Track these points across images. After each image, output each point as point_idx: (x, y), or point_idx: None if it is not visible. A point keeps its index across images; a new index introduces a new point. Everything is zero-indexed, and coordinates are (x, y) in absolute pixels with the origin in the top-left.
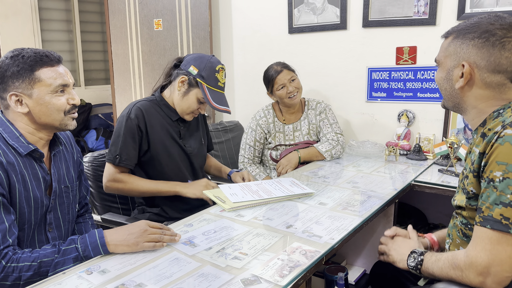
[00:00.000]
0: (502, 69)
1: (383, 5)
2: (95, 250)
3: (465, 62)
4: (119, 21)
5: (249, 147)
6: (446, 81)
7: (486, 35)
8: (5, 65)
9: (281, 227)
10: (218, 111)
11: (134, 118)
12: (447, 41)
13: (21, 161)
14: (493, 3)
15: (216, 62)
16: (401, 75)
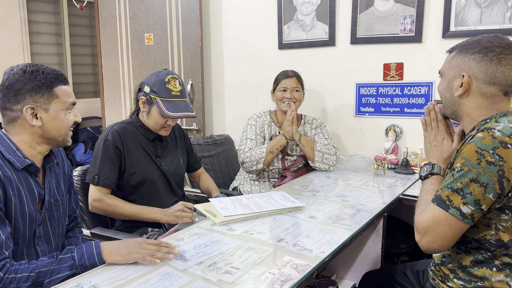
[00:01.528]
0: (497, 82)
1: (371, 23)
2: (91, 259)
3: (465, 73)
4: (110, 35)
5: (250, 140)
6: (447, 90)
7: (485, 50)
8: (24, 79)
9: (272, 240)
10: (175, 118)
11: (111, 139)
12: (451, 55)
13: (17, 175)
14: (476, 22)
15: (165, 74)
16: (389, 90)
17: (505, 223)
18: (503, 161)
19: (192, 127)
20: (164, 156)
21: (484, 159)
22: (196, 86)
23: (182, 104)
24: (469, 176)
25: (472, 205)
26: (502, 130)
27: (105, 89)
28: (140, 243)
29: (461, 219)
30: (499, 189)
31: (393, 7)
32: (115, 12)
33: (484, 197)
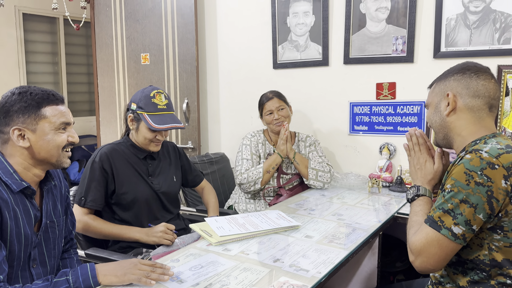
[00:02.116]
0: (480, 94)
1: (363, 44)
2: (86, 281)
3: (449, 92)
4: (106, 55)
5: (246, 160)
6: (435, 114)
7: (463, 70)
8: (12, 101)
9: (268, 261)
10: (162, 130)
11: (98, 161)
12: (432, 88)
13: (13, 197)
14: (466, 42)
15: (150, 90)
16: (382, 109)
17: (497, 243)
18: (491, 181)
19: (188, 145)
20: (156, 175)
21: (473, 180)
22: (191, 104)
23: (169, 117)
24: (459, 197)
25: (463, 226)
26: (489, 152)
27: (101, 108)
28: (135, 264)
29: (453, 239)
30: (489, 209)
31: (385, 28)
32: (111, 32)
33: (474, 217)
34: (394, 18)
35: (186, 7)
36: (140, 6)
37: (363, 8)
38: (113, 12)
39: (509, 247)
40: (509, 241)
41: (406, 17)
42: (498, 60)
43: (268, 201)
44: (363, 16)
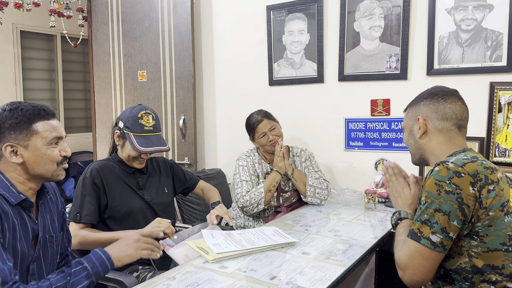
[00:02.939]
0: (448, 117)
1: (357, 61)
2: (103, 264)
3: (419, 116)
4: (103, 72)
5: (246, 182)
6: (410, 137)
7: (431, 95)
8: (3, 118)
9: (265, 278)
10: (146, 153)
11: (89, 176)
12: (406, 112)
13: (12, 210)
14: (458, 60)
15: (138, 110)
16: (376, 125)
17: (475, 249)
18: (460, 189)
19: (184, 161)
20: (147, 187)
21: (443, 189)
22: (188, 121)
23: (155, 139)
24: (432, 206)
25: (440, 234)
26: (455, 162)
27: (97, 125)
28: (138, 239)
29: (432, 248)
30: (462, 215)
31: (379, 46)
32: (109, 50)
33: (449, 224)
34: (387, 36)
35: (183, 25)
36: (138, 24)
37: (357, 26)
38: (110, 30)
39: (487, 252)
40: (486, 246)
41: (399, 35)
42: (490, 77)
43: (265, 219)
44: (357, 34)
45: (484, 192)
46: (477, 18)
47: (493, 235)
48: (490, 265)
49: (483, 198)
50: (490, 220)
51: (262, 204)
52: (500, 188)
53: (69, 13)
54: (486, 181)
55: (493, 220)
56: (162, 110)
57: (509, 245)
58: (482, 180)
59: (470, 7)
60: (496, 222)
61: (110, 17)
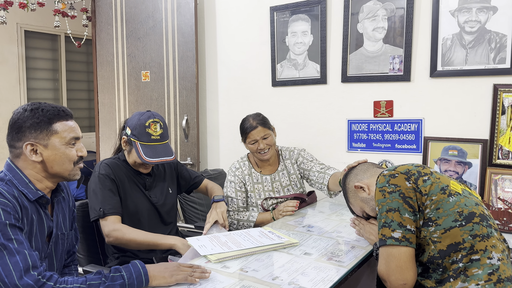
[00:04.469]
0: (364, 169)
1: (360, 62)
2: (139, 278)
3: (354, 185)
4: (107, 72)
5: (231, 199)
6: (368, 203)
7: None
8: (24, 117)
9: (267, 278)
10: (153, 164)
11: (104, 173)
12: (353, 208)
13: (30, 206)
14: (462, 62)
15: (146, 118)
16: (379, 127)
17: (435, 234)
18: (398, 186)
19: (187, 161)
20: (153, 188)
21: (386, 192)
22: (191, 121)
23: (161, 148)
24: (384, 209)
25: (398, 229)
26: (388, 169)
27: (101, 125)
28: (177, 266)
29: (398, 243)
30: (409, 207)
31: (382, 48)
32: (112, 50)
33: (403, 218)
34: (391, 38)
35: (187, 26)
36: (141, 24)
37: (360, 28)
38: (114, 30)
39: (445, 232)
40: (442, 227)
41: (402, 37)
42: (493, 79)
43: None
44: (360, 36)
45: (420, 182)
46: (481, 20)
47: (444, 216)
48: (453, 243)
49: (421, 187)
50: (436, 204)
51: (250, 226)
52: (435, 177)
53: (73, 13)
54: (419, 174)
55: (439, 203)
56: (165, 110)
57: (461, 220)
58: (415, 174)
59: (474, 9)
60: (442, 203)
61: (114, 17)
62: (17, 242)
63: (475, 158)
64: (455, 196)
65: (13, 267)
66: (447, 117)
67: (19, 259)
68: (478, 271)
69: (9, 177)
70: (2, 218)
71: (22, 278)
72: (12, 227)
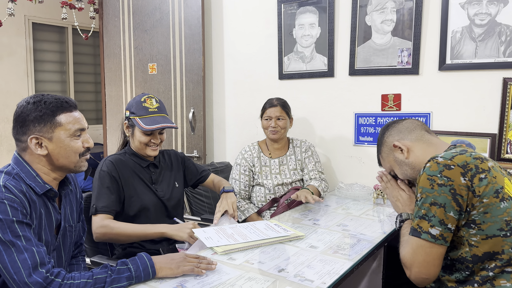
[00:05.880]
0: (412, 127)
1: (368, 55)
2: (145, 270)
3: (393, 143)
4: (114, 64)
5: (234, 181)
6: (402, 166)
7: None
8: (27, 110)
9: (273, 270)
10: (153, 130)
11: (106, 170)
12: (381, 159)
13: (38, 200)
14: (471, 55)
15: (141, 96)
16: (387, 120)
17: (475, 237)
18: (451, 180)
19: (193, 154)
20: (159, 182)
21: (435, 183)
22: (197, 114)
23: (160, 118)
24: (428, 201)
25: (438, 226)
26: (443, 156)
27: (108, 117)
28: (184, 257)
29: (433, 241)
30: (457, 206)
31: (390, 40)
32: (119, 42)
33: (446, 216)
34: (399, 31)
35: (194, 18)
36: (148, 16)
37: (368, 20)
38: (121, 22)
39: (486, 239)
40: (484, 233)
41: (411, 30)
42: (503, 72)
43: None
44: (368, 28)
45: (475, 181)
46: (491, 13)
47: (490, 222)
48: (490, 252)
49: (476, 187)
50: (485, 207)
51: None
52: (492, 175)
53: (81, 5)
54: (477, 170)
55: (488, 207)
56: (172, 103)
57: (507, 230)
58: (472, 170)
59: (484, 2)
60: (492, 208)
61: (121, 10)
62: (25, 239)
63: (483, 153)
64: (507, 201)
65: (21, 264)
66: (455, 110)
67: (27, 256)
68: (507, 284)
69: (17, 171)
70: (10, 214)
71: (31, 275)
72: (20, 223)
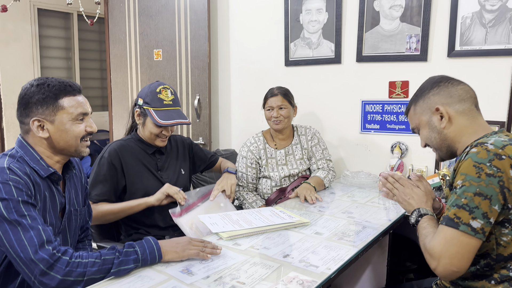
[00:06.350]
0: (464, 97)
1: (376, 41)
2: (152, 254)
3: (437, 106)
4: (119, 50)
5: (241, 174)
6: (432, 131)
7: (436, 84)
8: (31, 93)
9: (278, 256)
10: (167, 127)
11: (107, 157)
12: (412, 111)
13: (42, 183)
14: (481, 41)
15: (156, 85)
16: (394, 108)
17: (505, 237)
18: (501, 172)
19: (199, 141)
20: (165, 169)
21: (483, 172)
22: (203, 101)
23: (175, 113)
24: (471, 190)
25: (481, 219)
26: (494, 144)
27: (114, 103)
28: (189, 241)
29: (473, 234)
30: (503, 199)
31: (399, 26)
32: (125, 28)
33: (490, 209)
34: (408, 16)
35: (199, 3)
36: (154, 2)
37: (377, 5)
38: (126, 8)
39: None
40: None
41: (420, 16)
42: None
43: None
44: (376, 14)
45: None
46: None
47: None
48: None
49: None
50: None
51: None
52: None
53: None
54: None
55: None
56: (178, 90)
57: None
58: None
59: None
60: None
61: None
62: (31, 218)
63: None
64: None
65: (27, 242)
66: None
67: (33, 234)
68: None
69: (21, 154)
70: (15, 195)
71: (37, 252)
72: (25, 203)
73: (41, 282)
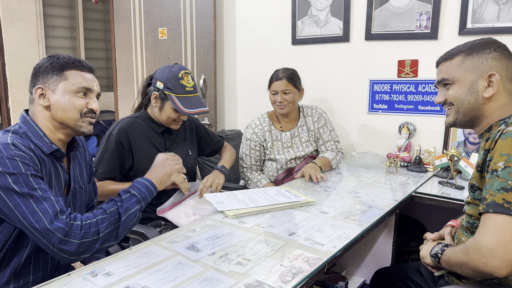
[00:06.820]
0: None
1: (386, 19)
2: (148, 189)
3: (494, 73)
4: (124, 29)
5: (245, 155)
6: (469, 94)
7: (500, 49)
8: (41, 63)
9: (284, 234)
10: (191, 115)
11: (116, 134)
12: (458, 60)
13: (46, 159)
14: (493, 19)
15: (178, 70)
16: (403, 87)
17: None
18: None
19: (204, 121)
20: (173, 149)
21: None
22: (208, 81)
23: (196, 100)
24: None
25: None
26: None
27: (119, 83)
28: (165, 159)
29: None
30: None
31: (409, 3)
32: (129, 7)
33: None
34: None
35: None
36: None
37: None
38: None
39: None
40: None
41: None
42: None
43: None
44: None
45: None
46: None
47: None
48: None
49: None
50: None
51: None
52: None
53: None
54: None
55: None
56: None
57: None
58: None
59: None
60: None
61: None
62: (41, 190)
63: None
64: None
65: (42, 213)
66: None
67: (47, 205)
68: None
69: (24, 130)
70: (22, 169)
71: (52, 222)
72: (34, 176)
73: (61, 249)
